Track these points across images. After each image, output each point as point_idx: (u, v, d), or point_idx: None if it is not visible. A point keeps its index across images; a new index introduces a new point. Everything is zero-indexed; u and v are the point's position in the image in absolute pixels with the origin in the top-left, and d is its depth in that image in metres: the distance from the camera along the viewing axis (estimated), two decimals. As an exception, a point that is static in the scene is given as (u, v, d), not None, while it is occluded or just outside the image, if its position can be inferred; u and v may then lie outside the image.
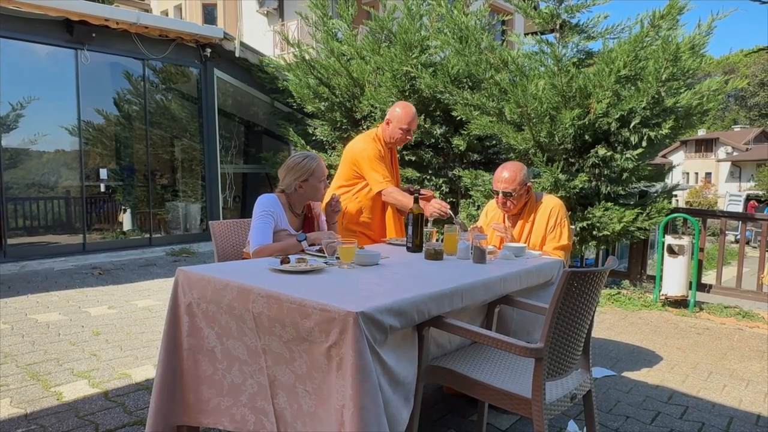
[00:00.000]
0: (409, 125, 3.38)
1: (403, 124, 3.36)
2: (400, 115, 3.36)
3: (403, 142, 3.47)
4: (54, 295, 5.22)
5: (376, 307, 1.72)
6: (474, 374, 2.02)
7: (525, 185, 3.03)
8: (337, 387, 1.70)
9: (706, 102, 4.97)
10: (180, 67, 8.32)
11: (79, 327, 4.19)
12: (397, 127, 3.37)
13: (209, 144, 8.47)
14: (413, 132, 3.51)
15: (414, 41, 6.12)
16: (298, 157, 2.90)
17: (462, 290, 2.11)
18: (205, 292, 2.10)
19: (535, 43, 5.53)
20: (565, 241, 3.01)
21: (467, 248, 2.70)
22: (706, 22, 4.90)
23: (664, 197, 5.67)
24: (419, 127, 6.10)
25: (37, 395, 2.93)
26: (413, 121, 3.41)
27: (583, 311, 1.95)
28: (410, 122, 3.38)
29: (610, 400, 3.08)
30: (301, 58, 7.26)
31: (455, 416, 2.80)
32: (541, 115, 5.08)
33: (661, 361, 3.77)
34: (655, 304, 5.30)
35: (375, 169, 3.32)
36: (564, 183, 5.11)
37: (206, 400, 2.12)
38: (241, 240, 3.15)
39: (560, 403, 1.94)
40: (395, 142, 3.44)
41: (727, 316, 5.00)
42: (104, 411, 2.76)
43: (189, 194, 8.75)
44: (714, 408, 3.02)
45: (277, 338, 1.87)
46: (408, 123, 3.37)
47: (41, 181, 7.23)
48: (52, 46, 6.83)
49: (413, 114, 3.41)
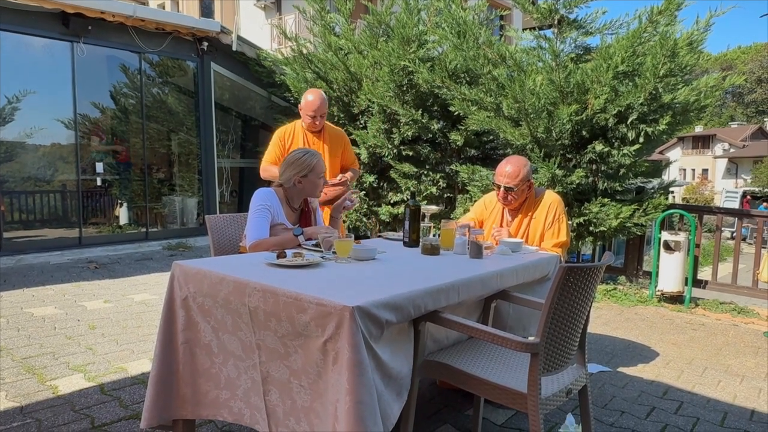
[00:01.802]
0: (315, 112, 3.72)
1: (309, 111, 3.72)
2: (305, 104, 3.73)
3: (314, 127, 3.81)
4: (50, 289, 5.21)
5: (373, 301, 1.72)
6: (470, 369, 2.03)
7: (527, 181, 3.03)
8: (333, 381, 1.70)
9: (704, 98, 4.98)
10: (177, 60, 8.28)
11: (75, 321, 4.18)
12: (305, 114, 3.75)
13: (206, 138, 8.44)
14: (322, 117, 3.80)
15: (412, 36, 6.10)
16: (299, 152, 2.90)
17: (458, 285, 2.12)
18: (201, 286, 2.09)
19: (533, 39, 5.53)
20: (564, 237, 3.02)
21: (464, 243, 2.70)
22: (704, 18, 4.90)
23: (661, 193, 5.68)
24: (417, 122, 6.10)
25: (32, 389, 2.93)
26: (318, 108, 3.72)
27: (579, 307, 1.95)
28: (315, 110, 3.71)
29: (606, 395, 3.09)
30: (299, 52, 7.24)
31: (451, 411, 2.80)
32: (538, 111, 5.08)
33: (656, 356, 3.78)
34: (651, 300, 5.32)
35: (268, 149, 3.88)
36: (561, 179, 5.11)
37: (204, 392, 2.12)
38: (238, 234, 3.14)
39: (556, 398, 1.95)
40: (308, 127, 3.81)
41: (722, 312, 5.01)
42: (100, 405, 2.75)
43: (186, 188, 8.73)
44: (709, 403, 3.03)
45: (272, 333, 1.86)
46: (313, 110, 3.71)
47: (37, 174, 7.19)
48: (48, 39, 6.78)
49: (318, 103, 3.71)
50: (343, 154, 3.99)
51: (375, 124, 6.43)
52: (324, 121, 3.87)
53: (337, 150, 3.94)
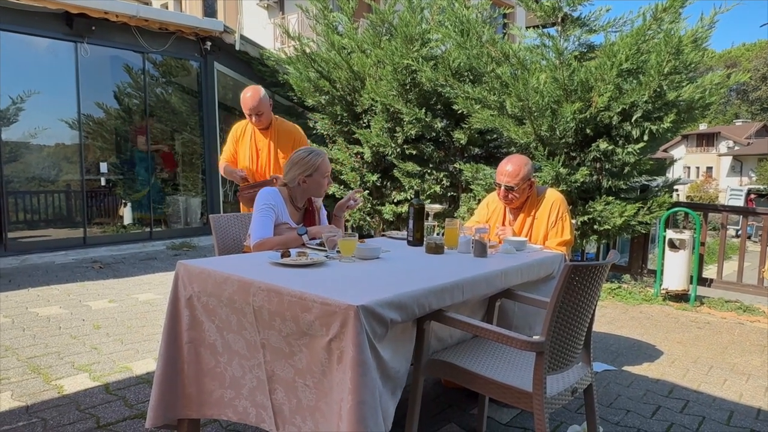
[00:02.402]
0: (250, 110, 3.80)
1: (245, 109, 3.81)
2: (242, 102, 3.81)
3: (256, 124, 3.89)
4: (55, 288, 5.22)
5: (377, 300, 1.72)
6: (475, 368, 2.02)
7: (528, 180, 3.02)
8: (337, 380, 1.70)
9: (708, 96, 4.95)
10: (180, 60, 8.29)
11: (79, 320, 4.19)
12: (244, 110, 3.84)
13: (210, 137, 8.45)
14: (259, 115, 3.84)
15: (415, 34, 6.08)
16: (304, 152, 2.89)
17: (463, 284, 2.11)
18: (205, 286, 2.09)
19: (536, 37, 5.51)
20: (568, 236, 3.01)
21: (468, 242, 2.69)
22: (709, 15, 4.88)
23: (665, 191, 5.65)
24: (420, 121, 6.09)
25: (38, 388, 2.94)
26: (254, 107, 3.79)
27: (585, 305, 1.95)
28: (250, 108, 3.79)
29: (611, 394, 3.08)
30: (302, 51, 7.23)
31: (456, 410, 2.80)
32: (542, 109, 5.06)
33: (661, 355, 3.77)
34: (656, 299, 5.30)
35: (224, 147, 4.02)
36: (565, 177, 5.10)
37: (209, 391, 2.12)
38: (242, 233, 3.15)
39: (561, 397, 1.94)
40: (253, 123, 3.90)
41: (727, 310, 4.99)
42: (105, 404, 2.76)
43: (189, 188, 8.74)
44: (714, 402, 3.02)
45: (277, 332, 1.86)
46: (249, 109, 3.79)
47: (41, 174, 7.21)
48: (52, 39, 6.80)
49: (251, 102, 3.78)
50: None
51: (378, 123, 6.42)
52: (266, 119, 3.89)
53: (286, 147, 3.93)
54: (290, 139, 4.00)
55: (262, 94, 3.81)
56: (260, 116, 3.83)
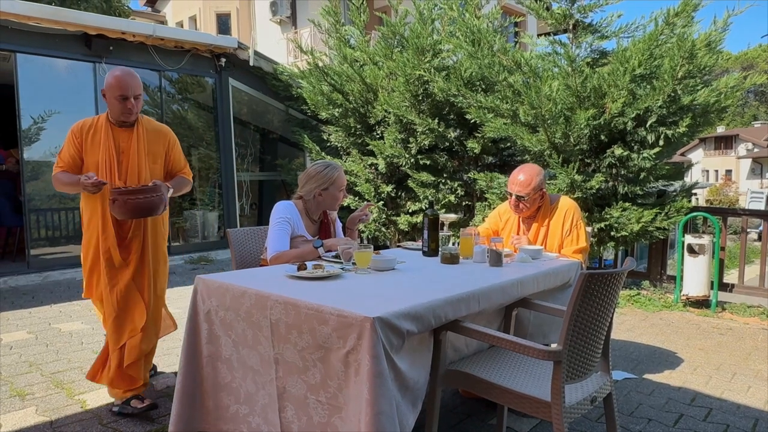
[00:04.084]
0: (129, 92, 2.82)
1: (120, 91, 2.81)
2: (111, 83, 2.81)
3: (128, 113, 2.86)
4: (76, 304, 5.30)
5: (393, 312, 1.73)
6: (492, 378, 2.02)
7: (540, 190, 3.01)
8: (355, 394, 1.70)
9: (724, 99, 4.90)
10: (195, 77, 8.42)
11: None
12: (112, 97, 2.83)
13: (225, 152, 8.55)
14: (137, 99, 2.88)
15: (426, 45, 6.12)
16: (320, 165, 2.92)
17: (479, 294, 2.11)
18: (223, 300, 2.12)
19: (548, 44, 5.51)
20: (583, 243, 2.99)
21: (483, 252, 2.69)
22: (722, 18, 4.84)
23: (683, 196, 5.59)
24: (433, 131, 6.11)
25: (61, 403, 2.98)
26: (137, 85, 2.86)
27: (602, 313, 1.94)
28: (132, 87, 2.83)
29: (632, 402, 3.04)
30: (315, 65, 7.31)
31: (474, 420, 2.79)
32: (555, 116, 5.05)
33: (683, 362, 3.71)
34: (676, 305, 5.23)
35: (61, 149, 2.96)
36: (580, 184, 5.07)
37: (225, 406, 2.14)
38: (259, 247, 3.18)
39: (580, 406, 1.93)
40: (119, 114, 2.86)
41: (750, 315, 4.91)
42: (127, 419, 2.79)
43: (206, 202, 8.84)
44: (739, 409, 2.97)
45: (292, 346, 1.88)
46: (127, 89, 2.81)
47: (62, 192, 7.32)
48: (71, 60, 6.96)
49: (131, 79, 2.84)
50: (167, 157, 3.10)
51: (392, 134, 6.46)
52: (140, 107, 2.95)
53: (158, 151, 3.05)
54: (163, 142, 3.08)
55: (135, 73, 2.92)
56: (137, 100, 2.89)
